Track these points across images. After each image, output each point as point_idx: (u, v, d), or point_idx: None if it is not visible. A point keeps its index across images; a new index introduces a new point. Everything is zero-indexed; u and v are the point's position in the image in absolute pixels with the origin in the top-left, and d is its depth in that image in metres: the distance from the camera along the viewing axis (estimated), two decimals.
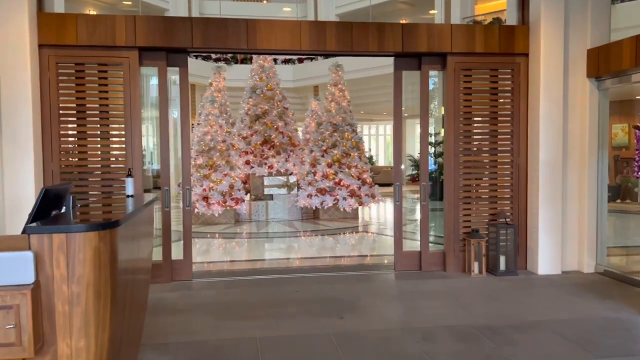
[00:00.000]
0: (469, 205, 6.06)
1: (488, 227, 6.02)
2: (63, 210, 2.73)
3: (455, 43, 5.86)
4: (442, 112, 14.22)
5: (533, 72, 5.93)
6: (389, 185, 17.60)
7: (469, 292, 5.15)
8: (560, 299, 4.91)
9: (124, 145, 5.46)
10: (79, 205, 3.41)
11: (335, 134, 11.01)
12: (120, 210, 3.26)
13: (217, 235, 9.20)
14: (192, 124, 13.15)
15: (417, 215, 12.55)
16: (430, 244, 6.19)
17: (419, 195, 6.32)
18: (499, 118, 6.07)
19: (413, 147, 23.59)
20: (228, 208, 10.31)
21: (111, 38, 5.32)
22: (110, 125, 5.50)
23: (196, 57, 18.53)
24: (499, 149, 6.09)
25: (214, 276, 5.90)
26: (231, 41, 5.54)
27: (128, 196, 3.57)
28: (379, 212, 12.32)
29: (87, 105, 5.44)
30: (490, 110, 6.07)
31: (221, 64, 13.35)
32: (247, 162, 11.22)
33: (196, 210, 10.21)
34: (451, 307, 4.65)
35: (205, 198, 10.13)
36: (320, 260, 6.89)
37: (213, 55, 19.41)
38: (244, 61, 18.88)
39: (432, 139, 15.94)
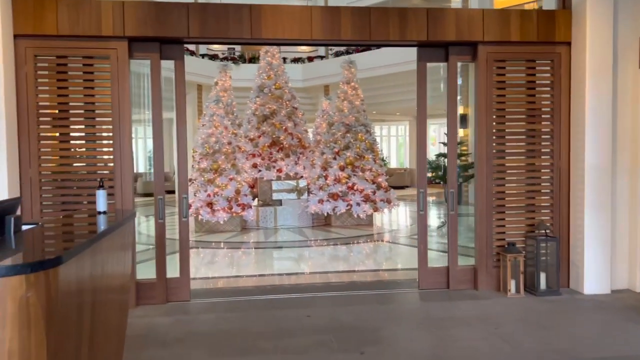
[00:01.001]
0: (503, 215, 5.33)
1: (525, 240, 5.30)
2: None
3: (487, 30, 5.15)
4: (462, 111, 13.37)
5: (577, 64, 5.19)
6: (401, 188, 16.71)
7: (509, 318, 4.42)
8: (616, 326, 4.17)
9: (111, 149, 4.81)
10: (40, 224, 2.75)
11: (348, 134, 10.31)
12: (89, 231, 2.60)
13: (221, 245, 8.54)
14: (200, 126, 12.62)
15: (437, 223, 11.79)
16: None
17: (445, 203, 5.59)
18: (537, 115, 5.34)
19: (429, 148, 22.79)
20: (234, 215, 9.66)
21: (97, 27, 4.68)
22: (97, 127, 4.86)
23: (202, 56, 17.96)
24: (537, 150, 5.36)
25: (215, 295, 5.23)
26: (232, 30, 4.88)
27: (99, 213, 2.90)
28: (394, 218, 11.58)
29: (71, 104, 4.81)
30: (526, 107, 5.34)
31: (228, 62, 12.72)
32: (255, 166, 10.56)
33: (200, 217, 9.57)
34: (491, 338, 3.93)
35: (210, 204, 9.48)
36: (334, 275, 6.19)
37: (220, 55, 18.84)
38: (252, 60, 18.26)
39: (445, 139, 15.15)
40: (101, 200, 2.91)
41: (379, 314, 4.56)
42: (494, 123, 5.27)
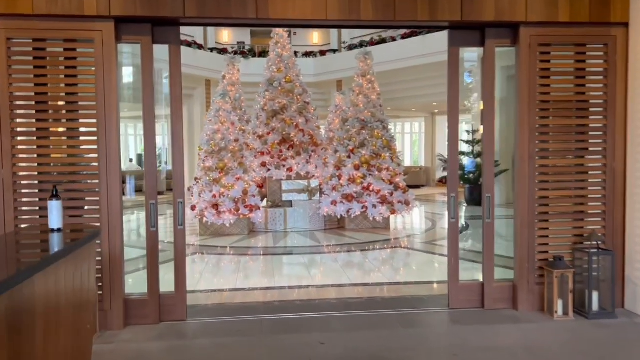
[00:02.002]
0: (547, 224, 4.61)
1: (573, 253, 4.57)
2: None
3: (531, 10, 4.42)
4: (482, 107, 12.57)
5: (636, 48, 4.45)
6: (416, 187, 15.86)
7: (561, 349, 3.71)
8: None
9: (95, 147, 4.17)
10: None
11: (364, 131, 9.60)
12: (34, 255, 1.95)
13: (227, 250, 7.91)
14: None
15: (446, 222, 10.98)
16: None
17: (464, 204, 4.86)
18: (588, 109, 4.61)
19: (443, 146, 22.04)
20: (241, 217, 9.02)
21: (78, 5, 4.03)
22: (81, 120, 4.22)
23: (211, 50, 17.36)
24: (587, 149, 4.63)
25: (216, 313, 4.58)
26: (235, 9, 4.21)
27: (52, 230, 2.25)
28: (411, 220, 10.86)
29: (50, 94, 4.17)
30: (575, 99, 4.61)
31: (236, 56, 12.08)
32: (263, 164, 9.90)
33: (204, 219, 8.94)
34: None
35: (215, 205, 8.85)
36: (351, 289, 5.51)
37: (230, 49, 18.21)
38: (262, 54, 17.61)
39: (466, 137, 14.36)
40: (55, 215, 2.27)
41: (405, 341, 3.88)
42: (537, 117, 4.55)
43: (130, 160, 22.23)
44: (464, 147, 14.71)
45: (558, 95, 4.61)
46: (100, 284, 4.18)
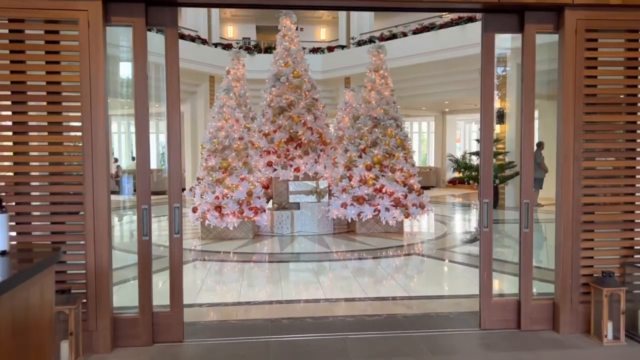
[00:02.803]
0: (592, 234, 4.06)
1: (623, 268, 4.02)
2: None
3: None
4: (499, 105, 11.93)
5: None
6: (426, 188, 15.16)
7: None
8: None
9: (80, 144, 3.65)
10: None
11: (376, 129, 9.05)
12: None
13: (230, 255, 7.38)
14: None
15: (466, 226, 10.49)
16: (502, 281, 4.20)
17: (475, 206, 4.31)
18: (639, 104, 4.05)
19: (454, 145, 21.47)
20: (245, 220, 8.49)
21: None
22: (63, 114, 3.70)
23: (215, 45, 16.85)
24: (637, 149, 4.08)
25: (215, 334, 4.05)
26: None
27: None
28: (424, 224, 10.29)
29: (28, 83, 3.65)
30: (626, 93, 4.05)
31: (241, 50, 11.53)
32: (269, 164, 9.37)
33: (207, 222, 8.42)
34: None
35: (218, 207, 8.32)
36: (367, 304, 4.97)
37: (235, 44, 17.68)
38: (267, 50, 17.07)
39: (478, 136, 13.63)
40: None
41: None
42: (583, 114, 3.99)
43: (133, 159, 21.79)
44: (476, 147, 14.16)
45: (606, 88, 4.06)
46: (84, 301, 3.66)
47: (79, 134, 3.65)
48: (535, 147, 13.58)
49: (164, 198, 4.01)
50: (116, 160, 21.63)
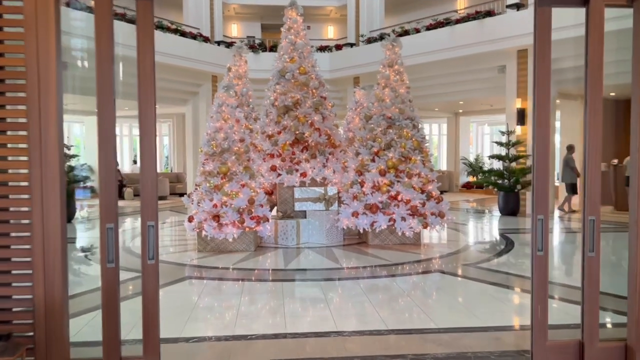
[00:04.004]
0: None
1: None
2: None
3: None
4: (520, 105, 11.03)
5: None
6: (439, 193, 14.06)
7: None
8: None
9: (25, 146, 2.86)
10: None
11: (391, 130, 8.22)
12: None
13: (228, 272, 6.57)
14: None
15: (487, 236, 9.54)
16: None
17: (487, 213, 3.46)
18: None
19: (467, 148, 20.61)
20: (246, 230, 7.68)
21: None
22: (8, 107, 2.91)
23: (218, 43, 16.10)
24: None
25: None
26: None
27: None
28: (442, 234, 9.42)
29: None
30: None
31: (244, 45, 10.73)
32: (273, 168, 8.56)
33: (204, 232, 7.62)
34: None
35: (216, 217, 7.51)
36: (389, 339, 4.13)
37: (237, 42, 16.90)
38: (272, 49, 16.28)
39: (496, 138, 12.72)
40: None
41: None
42: None
43: (135, 162, 21.05)
44: (495, 150, 13.32)
45: None
46: (30, 346, 2.86)
47: (24, 133, 2.85)
48: (566, 151, 12.80)
49: (162, 204, 3.20)
50: (135, 162, 20.90)
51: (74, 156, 12.03)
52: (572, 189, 12.61)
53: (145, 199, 3.10)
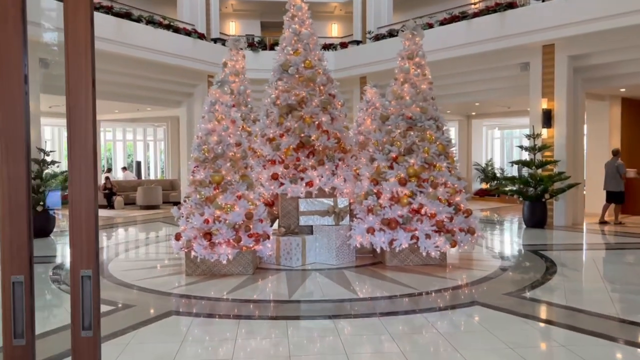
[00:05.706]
0: None
1: None
2: None
3: None
4: (546, 106, 9.81)
5: None
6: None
7: None
8: None
9: None
10: None
11: (412, 132, 7.08)
12: None
13: (219, 305, 5.41)
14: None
15: (517, 254, 8.08)
16: None
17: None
18: None
19: (480, 153, 19.49)
20: (243, 250, 6.53)
21: None
22: None
23: (214, 41, 14.99)
24: None
25: None
26: None
27: None
28: (468, 251, 8.23)
29: None
30: None
31: (241, 40, 9.63)
32: (274, 177, 7.42)
33: (193, 253, 6.46)
34: None
35: (208, 234, 6.36)
36: None
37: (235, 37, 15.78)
38: (273, 47, 15.16)
39: (519, 142, 11.51)
40: None
41: None
42: None
43: (124, 169, 19.89)
44: (522, 156, 12.21)
45: None
46: None
47: None
48: (612, 156, 11.57)
49: (154, 213, 2.04)
50: (109, 170, 19.79)
51: (53, 162, 10.88)
52: (617, 198, 11.33)
53: (75, 236, 1.94)
